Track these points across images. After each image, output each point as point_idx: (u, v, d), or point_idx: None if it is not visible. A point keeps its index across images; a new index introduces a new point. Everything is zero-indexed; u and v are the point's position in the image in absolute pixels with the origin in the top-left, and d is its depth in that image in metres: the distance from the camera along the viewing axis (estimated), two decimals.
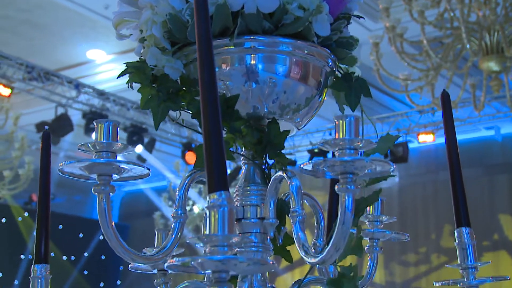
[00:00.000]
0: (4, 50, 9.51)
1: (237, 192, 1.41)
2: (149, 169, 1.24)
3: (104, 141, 1.19)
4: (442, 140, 1.69)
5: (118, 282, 16.43)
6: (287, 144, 12.01)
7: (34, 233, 1.58)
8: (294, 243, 1.33)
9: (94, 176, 1.23)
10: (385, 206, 1.58)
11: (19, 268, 14.59)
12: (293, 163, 10.91)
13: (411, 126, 10.72)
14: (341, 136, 1.11)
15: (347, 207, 1.13)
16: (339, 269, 1.41)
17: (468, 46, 6.38)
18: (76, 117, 11.06)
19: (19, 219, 14.58)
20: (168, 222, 13.04)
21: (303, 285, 1.37)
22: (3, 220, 14.03)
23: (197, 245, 1.04)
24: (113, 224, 1.23)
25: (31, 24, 9.14)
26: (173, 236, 1.29)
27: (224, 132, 1.41)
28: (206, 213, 1.00)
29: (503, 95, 7.98)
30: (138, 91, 1.37)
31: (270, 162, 1.43)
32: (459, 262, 1.42)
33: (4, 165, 11.10)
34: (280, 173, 1.34)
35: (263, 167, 1.42)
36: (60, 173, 1.21)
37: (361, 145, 1.12)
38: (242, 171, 1.43)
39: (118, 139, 1.20)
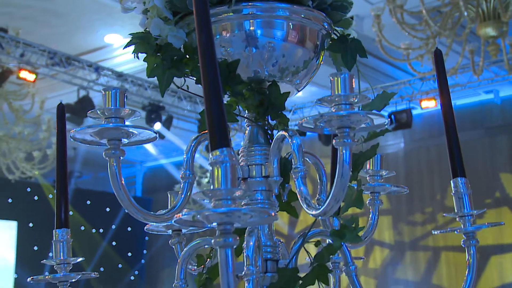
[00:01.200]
0: (28, 38, 9.56)
1: (242, 152, 1.40)
2: (156, 133, 1.23)
3: (112, 107, 1.18)
4: None
5: (144, 251, 16.59)
6: (297, 116, 11.99)
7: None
8: (298, 199, 1.32)
9: (104, 141, 1.22)
10: (391, 170, 1.56)
11: (49, 242, 14.72)
12: (303, 133, 10.86)
13: (414, 93, 10.67)
14: (336, 93, 1.10)
15: (345, 160, 1.12)
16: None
17: (465, 13, 6.31)
18: (97, 99, 11.10)
19: (50, 196, 14.70)
20: None
21: (308, 238, 1.36)
22: (36, 197, 14.16)
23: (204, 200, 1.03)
24: (125, 186, 1.23)
25: (52, 13, 9.16)
26: (182, 196, 1.29)
27: (227, 96, 1.40)
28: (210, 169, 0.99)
29: (500, 59, 7.89)
30: (143, 60, 1.36)
31: (272, 123, 1.42)
32: (455, 211, 1.41)
33: (33, 146, 11.18)
34: (282, 132, 1.33)
35: (266, 128, 1.41)
36: (72, 140, 1.21)
37: (356, 100, 1.10)
38: (246, 133, 1.42)
39: (125, 105, 1.19)
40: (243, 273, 1.17)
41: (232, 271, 1.00)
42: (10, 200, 14.00)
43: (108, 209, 16.04)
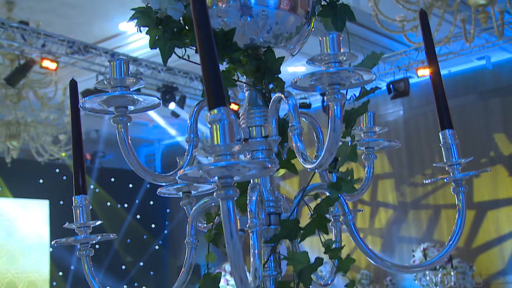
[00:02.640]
0: (48, 29, 9.58)
1: (242, 115, 1.40)
2: (159, 98, 1.22)
3: (118, 76, 1.18)
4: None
5: (166, 223, 16.71)
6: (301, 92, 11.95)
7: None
8: (297, 156, 1.32)
9: (112, 109, 1.22)
10: (392, 136, 1.56)
11: None
12: (308, 106, 10.84)
13: (410, 63, 10.61)
14: (326, 52, 1.09)
15: (336, 115, 1.12)
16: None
17: None
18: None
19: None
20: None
21: (307, 192, 1.36)
22: (64, 177, 14.24)
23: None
24: (133, 150, 1.23)
25: (69, 5, 9.18)
26: (188, 157, 1.29)
27: (225, 63, 1.39)
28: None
29: (491, 26, 7.81)
30: (146, 33, 1.35)
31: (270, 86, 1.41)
32: (444, 160, 1.40)
33: (59, 130, 11.24)
34: (278, 94, 1.32)
35: (263, 91, 1.40)
36: (82, 109, 1.21)
37: (344, 58, 1.09)
38: (246, 97, 1.42)
39: (129, 74, 1.19)
40: (247, 226, 1.18)
41: (234, 222, 1.00)
42: (41, 181, 14.13)
43: (131, 185, 16.13)
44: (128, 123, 1.24)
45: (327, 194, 1.36)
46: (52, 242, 1.50)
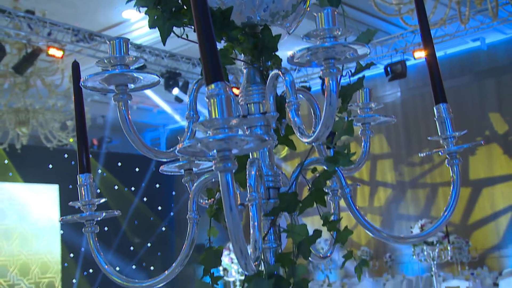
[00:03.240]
0: (54, 18, 9.55)
1: (241, 93, 1.39)
2: (158, 76, 1.21)
3: (117, 55, 1.17)
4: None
5: (172, 205, 16.76)
6: (302, 73, 11.86)
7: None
8: (295, 133, 1.31)
9: (113, 87, 1.21)
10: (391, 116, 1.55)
11: None
12: (308, 89, 10.79)
13: (407, 45, 10.55)
14: (321, 27, 1.07)
15: (332, 89, 1.10)
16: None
17: None
18: None
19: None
20: None
21: (305, 166, 1.35)
22: (72, 162, 14.25)
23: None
24: (134, 128, 1.22)
25: None
26: (188, 134, 1.28)
27: (223, 41, 1.38)
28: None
29: (485, 8, 7.75)
30: (145, 13, 1.34)
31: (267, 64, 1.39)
32: (439, 134, 1.39)
33: (66, 116, 11.24)
34: (275, 71, 1.30)
35: (261, 69, 1.39)
36: (83, 88, 1.20)
37: (339, 33, 1.08)
38: (244, 75, 1.40)
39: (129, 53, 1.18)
40: (247, 199, 1.17)
41: (233, 195, 1.00)
42: (50, 166, 14.15)
43: (137, 169, 16.15)
44: (129, 101, 1.23)
45: (325, 168, 1.35)
46: (59, 220, 1.49)
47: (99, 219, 1.49)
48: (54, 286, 14.58)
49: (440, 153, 1.38)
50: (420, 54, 10.31)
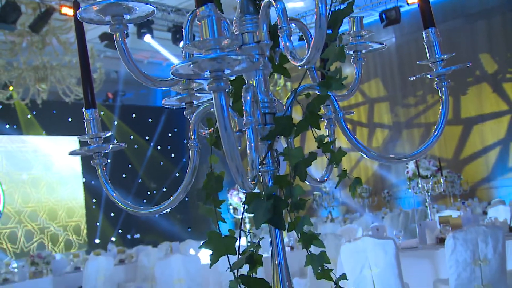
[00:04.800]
0: None
1: (235, 23, 1.33)
2: (153, 6, 1.15)
3: None
4: None
5: (184, 152, 16.83)
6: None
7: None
8: (289, 60, 1.26)
9: (109, 18, 1.16)
10: (386, 62, 1.49)
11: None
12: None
13: None
14: None
15: (321, 13, 1.05)
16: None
17: None
18: (129, 26, 10.90)
19: (102, 113, 14.77)
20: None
21: (299, 92, 1.30)
22: None
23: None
24: (133, 58, 1.18)
25: None
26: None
27: None
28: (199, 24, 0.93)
29: None
30: None
31: None
32: (428, 58, 1.34)
33: None
34: (267, 0, 1.24)
35: None
36: (80, 19, 1.14)
37: None
38: (238, 5, 1.34)
39: None
40: (243, 123, 1.13)
41: (227, 115, 0.96)
42: (70, 119, 14.16)
43: (150, 120, 16.15)
44: (126, 31, 1.18)
45: (318, 93, 1.30)
46: (68, 153, 1.46)
47: (106, 151, 1.46)
48: (80, 229, 14.84)
49: (429, 76, 1.33)
50: (414, 0, 10.09)
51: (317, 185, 1.48)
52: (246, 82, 1.29)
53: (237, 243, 1.21)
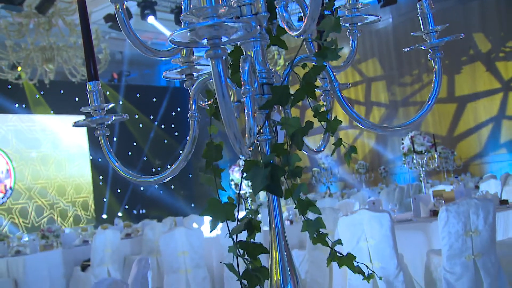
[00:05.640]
0: None
1: None
2: None
3: None
4: None
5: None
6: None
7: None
8: (287, 32, 1.25)
9: None
10: (383, 42, 1.46)
11: (114, 129, 15.04)
12: None
13: None
14: None
15: None
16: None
17: None
18: (133, 8, 10.86)
19: (107, 93, 14.74)
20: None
21: (296, 63, 1.29)
22: None
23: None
24: (133, 29, 1.16)
25: None
26: None
27: None
28: None
29: None
30: None
31: None
32: (422, 29, 1.32)
33: None
34: None
35: None
36: None
37: None
38: None
39: None
40: (241, 92, 1.12)
41: (224, 82, 0.95)
42: (76, 99, 14.12)
43: (154, 99, 16.11)
44: (124, 2, 1.16)
45: (315, 64, 1.29)
46: (72, 125, 1.46)
47: (109, 122, 1.45)
48: (88, 204, 14.91)
49: (423, 47, 1.32)
50: None
51: (314, 154, 1.48)
52: (244, 53, 1.27)
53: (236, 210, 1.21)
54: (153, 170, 16.02)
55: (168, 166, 16.75)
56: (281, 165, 1.25)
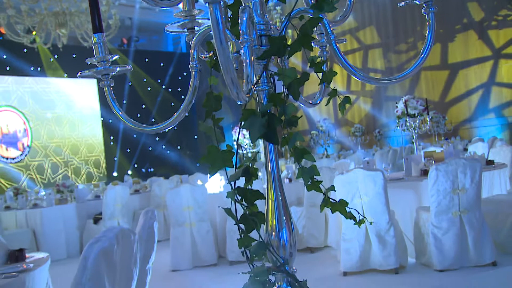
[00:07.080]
0: None
1: None
2: None
3: None
4: None
5: None
6: None
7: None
8: None
9: None
10: (381, 11, 1.41)
11: (123, 92, 14.94)
12: None
13: None
14: None
15: None
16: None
17: None
18: None
19: (117, 57, 14.60)
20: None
21: (293, 16, 1.25)
22: None
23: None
24: None
25: None
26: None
27: None
28: None
29: None
30: None
31: None
32: None
33: None
34: None
35: None
36: None
37: None
38: None
39: None
40: (239, 42, 1.09)
41: (222, 29, 0.92)
42: (88, 63, 14.02)
43: (162, 64, 15.97)
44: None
45: (311, 17, 1.25)
46: (78, 74, 1.43)
47: (113, 73, 1.42)
48: (99, 163, 14.97)
49: (417, 2, 1.27)
50: None
51: (311, 107, 1.45)
52: (243, 3, 1.23)
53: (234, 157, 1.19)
54: (161, 131, 16.05)
55: (175, 128, 16.69)
56: (278, 115, 1.22)
